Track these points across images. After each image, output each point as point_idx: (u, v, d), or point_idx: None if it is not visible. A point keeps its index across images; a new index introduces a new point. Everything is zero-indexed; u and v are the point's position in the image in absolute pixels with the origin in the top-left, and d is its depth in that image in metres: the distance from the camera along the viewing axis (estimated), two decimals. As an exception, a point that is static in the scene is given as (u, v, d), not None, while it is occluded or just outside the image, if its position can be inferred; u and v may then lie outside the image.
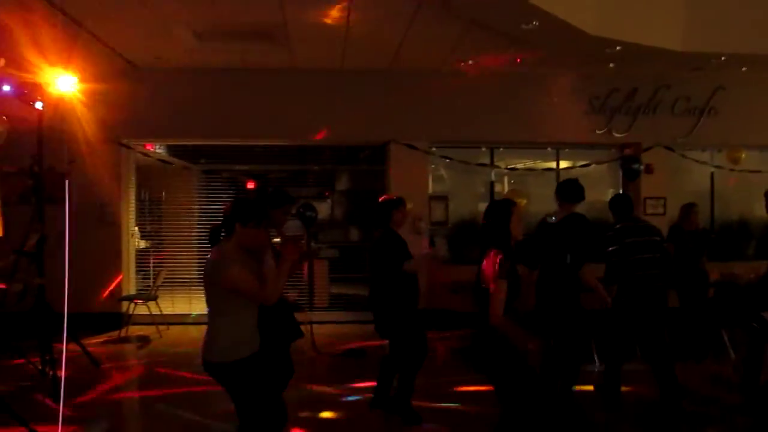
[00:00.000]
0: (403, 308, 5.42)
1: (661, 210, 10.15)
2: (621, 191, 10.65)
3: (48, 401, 6.08)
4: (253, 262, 3.69)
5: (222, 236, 3.75)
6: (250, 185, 12.56)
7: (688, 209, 7.75)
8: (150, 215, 11.03)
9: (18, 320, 6.88)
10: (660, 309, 5.72)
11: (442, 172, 10.71)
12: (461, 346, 7.86)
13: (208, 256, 3.77)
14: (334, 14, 7.51)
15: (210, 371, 3.69)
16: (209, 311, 3.73)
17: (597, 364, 7.13)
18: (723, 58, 8.71)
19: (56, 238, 7.02)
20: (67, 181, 8.37)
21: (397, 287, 5.39)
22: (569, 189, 5.69)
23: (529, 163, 10.87)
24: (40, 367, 6.71)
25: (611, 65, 9.24)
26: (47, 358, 6.59)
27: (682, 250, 7.63)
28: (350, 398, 6.29)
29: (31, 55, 6.90)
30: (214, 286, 3.62)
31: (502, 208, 4.16)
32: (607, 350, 6.00)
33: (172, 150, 11.13)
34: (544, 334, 5.58)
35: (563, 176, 10.57)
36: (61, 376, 6.25)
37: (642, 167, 9.27)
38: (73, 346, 7.34)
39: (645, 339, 5.63)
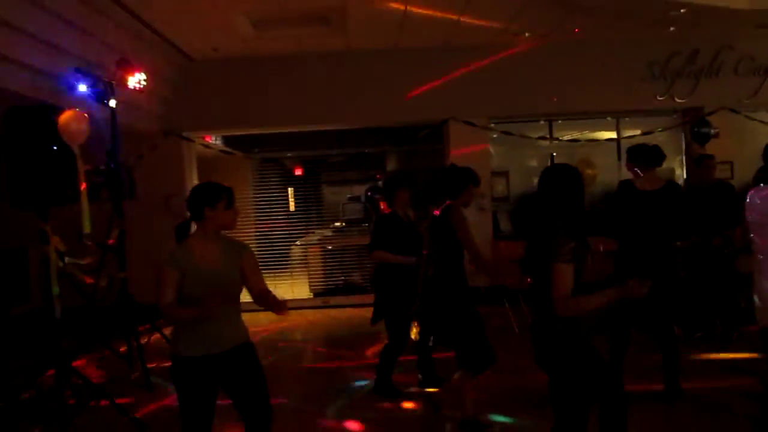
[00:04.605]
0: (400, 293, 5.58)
1: (728, 174, 9.89)
2: (684, 157, 10.46)
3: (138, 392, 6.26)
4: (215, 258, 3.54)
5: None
6: (298, 171, 12.66)
7: None
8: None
9: (101, 313, 7.09)
10: None
11: (501, 147, 10.57)
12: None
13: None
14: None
15: None
16: None
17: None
18: (791, 14, 8.43)
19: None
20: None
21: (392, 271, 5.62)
22: (650, 153, 5.46)
23: (589, 134, 10.67)
24: (127, 360, 6.89)
25: (672, 29, 9.03)
26: (134, 348, 6.76)
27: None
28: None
29: (100, 54, 7.03)
30: None
31: (570, 175, 3.50)
32: None
33: (226, 140, 11.26)
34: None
35: (624, 145, 10.44)
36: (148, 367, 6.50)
37: (713, 131, 9.03)
38: (156, 336, 7.57)
39: None
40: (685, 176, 10.42)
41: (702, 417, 5.08)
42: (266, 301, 3.47)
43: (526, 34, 9.19)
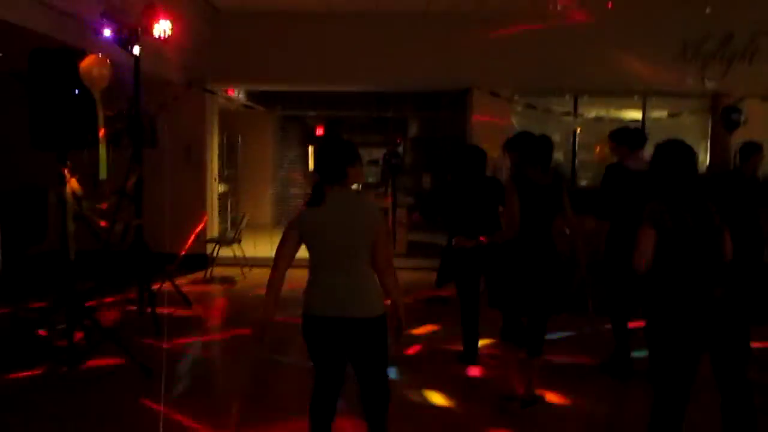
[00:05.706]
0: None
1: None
2: (709, 143, 10.30)
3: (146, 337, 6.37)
4: None
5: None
6: (319, 131, 12.64)
7: None
8: (228, 160, 11.24)
9: (115, 258, 7.21)
10: None
11: (523, 119, 10.45)
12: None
13: (354, 200, 3.45)
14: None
15: (363, 328, 3.33)
16: (354, 262, 3.34)
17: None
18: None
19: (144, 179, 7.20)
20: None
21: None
22: (634, 135, 5.47)
23: (614, 112, 10.52)
24: (137, 305, 7.01)
25: (708, 10, 8.81)
26: (146, 296, 6.87)
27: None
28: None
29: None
30: (371, 234, 3.34)
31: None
32: None
33: (248, 95, 11.26)
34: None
35: (650, 125, 10.30)
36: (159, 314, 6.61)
37: (743, 118, 8.83)
38: (167, 285, 7.68)
39: None
40: (708, 162, 10.27)
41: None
42: None
43: (559, 6, 9.01)
